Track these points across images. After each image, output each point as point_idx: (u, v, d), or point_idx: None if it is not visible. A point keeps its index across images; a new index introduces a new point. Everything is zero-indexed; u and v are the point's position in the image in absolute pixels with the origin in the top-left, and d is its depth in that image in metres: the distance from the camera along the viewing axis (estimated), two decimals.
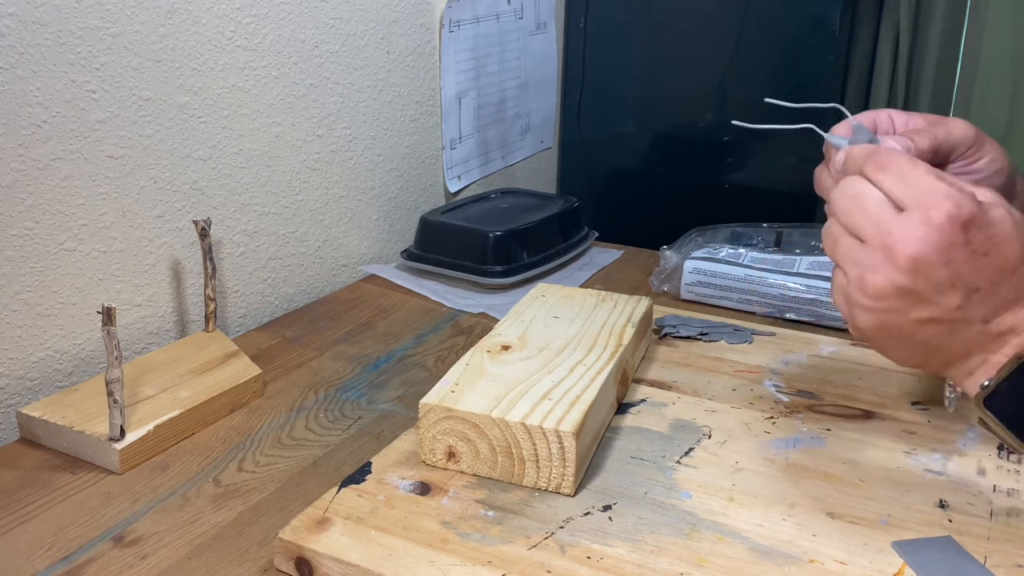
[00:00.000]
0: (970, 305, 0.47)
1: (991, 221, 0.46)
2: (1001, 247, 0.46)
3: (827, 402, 0.68)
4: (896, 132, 0.56)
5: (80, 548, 0.54)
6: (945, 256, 0.45)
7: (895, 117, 0.57)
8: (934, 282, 0.46)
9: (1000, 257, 0.46)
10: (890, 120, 0.57)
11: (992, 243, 0.46)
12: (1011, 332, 0.47)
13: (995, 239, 0.46)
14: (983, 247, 0.46)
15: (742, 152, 1.40)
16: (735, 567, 0.49)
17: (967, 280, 0.46)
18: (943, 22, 1.48)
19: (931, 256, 0.45)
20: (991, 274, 0.46)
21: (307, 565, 0.51)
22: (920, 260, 0.45)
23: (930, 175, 0.47)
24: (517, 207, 1.11)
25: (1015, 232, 0.46)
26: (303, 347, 0.84)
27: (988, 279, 0.46)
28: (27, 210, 0.69)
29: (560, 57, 1.46)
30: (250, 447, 0.66)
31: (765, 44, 1.35)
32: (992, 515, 0.54)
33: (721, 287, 0.91)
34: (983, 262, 0.46)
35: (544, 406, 0.57)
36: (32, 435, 0.66)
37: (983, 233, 0.46)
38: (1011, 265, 0.46)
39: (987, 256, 0.46)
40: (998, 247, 0.46)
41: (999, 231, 0.46)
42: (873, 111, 0.58)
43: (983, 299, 0.47)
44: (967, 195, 0.46)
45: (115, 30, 0.72)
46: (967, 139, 0.55)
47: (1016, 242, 0.46)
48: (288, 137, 0.92)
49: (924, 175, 0.47)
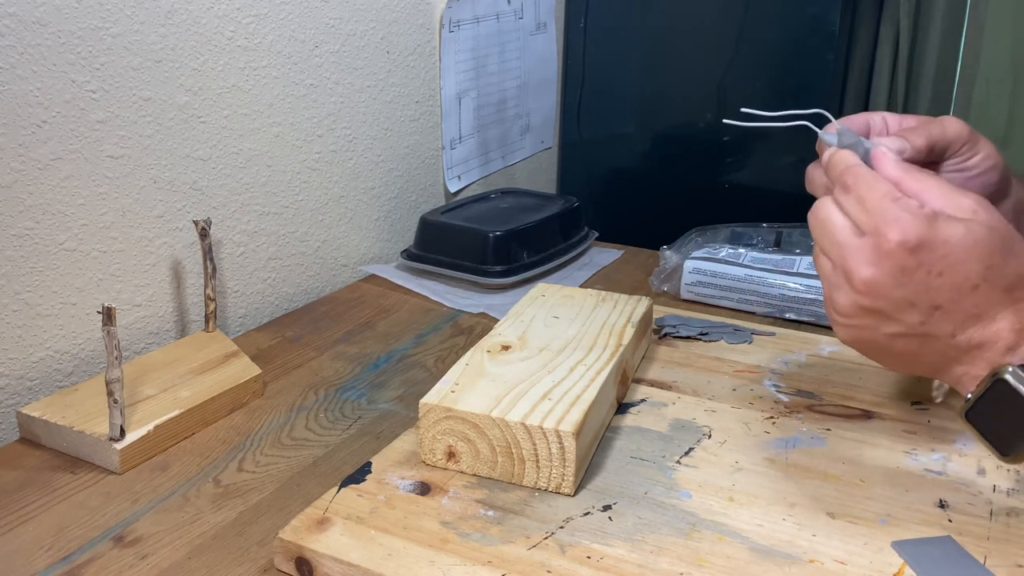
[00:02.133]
0: (933, 321, 0.48)
1: (944, 241, 0.46)
2: (957, 266, 0.46)
3: (827, 402, 0.68)
4: (890, 133, 0.56)
5: (80, 548, 0.54)
6: (897, 279, 0.47)
7: (888, 119, 0.58)
8: (893, 302, 0.48)
9: (958, 276, 0.47)
10: (884, 122, 0.57)
11: (946, 263, 0.46)
12: (981, 347, 0.48)
13: (949, 259, 0.46)
14: (937, 267, 0.47)
15: (742, 152, 1.40)
16: (735, 567, 0.49)
17: (926, 299, 0.47)
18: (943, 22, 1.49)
19: (884, 279, 0.47)
20: (949, 292, 0.47)
21: (307, 565, 0.51)
22: (874, 283, 0.48)
23: (885, 199, 0.48)
24: (517, 207, 1.11)
25: (974, 249, 0.46)
26: (303, 347, 0.84)
27: (947, 297, 0.47)
28: (27, 210, 0.69)
29: (560, 57, 1.46)
30: (250, 447, 0.66)
31: (765, 44, 1.34)
32: (992, 515, 0.54)
33: (721, 287, 0.91)
34: (939, 281, 0.47)
35: (544, 406, 0.57)
36: (32, 435, 0.66)
37: (935, 254, 0.46)
38: (971, 283, 0.47)
39: (942, 276, 0.47)
40: (953, 267, 0.46)
41: (954, 251, 0.46)
42: (867, 113, 0.58)
43: (945, 316, 0.48)
44: (920, 218, 0.47)
45: (115, 30, 0.72)
46: (961, 137, 0.56)
47: (975, 260, 0.46)
48: (288, 137, 0.92)
49: (880, 199, 0.48)
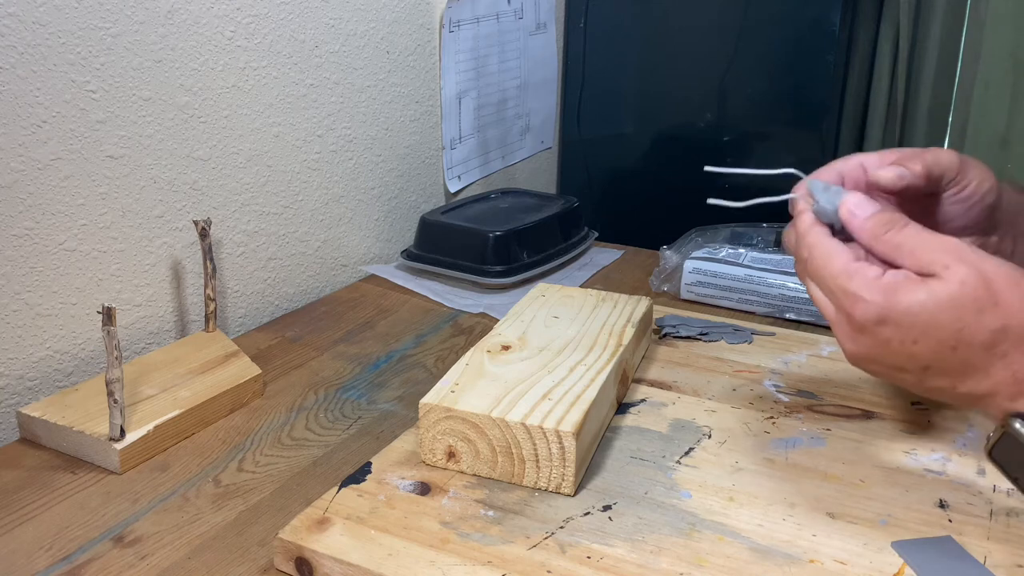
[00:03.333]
0: (929, 378, 0.48)
1: (906, 311, 0.46)
2: (929, 332, 0.46)
3: (827, 402, 0.68)
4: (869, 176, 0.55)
5: (80, 548, 0.54)
6: (878, 351, 0.48)
7: (867, 162, 0.55)
8: (884, 366, 0.49)
9: (932, 340, 0.46)
10: (861, 169, 0.55)
11: (917, 331, 0.46)
12: (986, 397, 0.47)
13: (918, 327, 0.46)
14: (910, 336, 0.46)
15: (742, 152, 1.39)
16: (735, 567, 0.49)
17: (912, 363, 0.47)
18: (943, 22, 1.49)
19: (867, 352, 0.48)
20: (931, 355, 0.46)
21: (307, 565, 0.51)
22: (859, 356, 0.49)
23: (841, 277, 0.48)
24: (517, 207, 1.11)
25: (940, 314, 0.45)
26: (303, 347, 0.84)
27: (932, 359, 0.46)
28: (27, 210, 0.69)
29: (560, 57, 1.46)
30: (250, 447, 0.66)
31: (765, 44, 1.35)
32: (992, 515, 0.54)
33: (721, 287, 0.91)
34: (916, 348, 0.46)
35: (544, 406, 0.57)
36: (32, 435, 0.66)
37: (903, 327, 0.46)
38: (948, 344, 0.46)
39: (917, 343, 0.46)
40: (926, 333, 0.46)
41: (919, 319, 0.46)
42: (842, 161, 0.56)
43: (938, 373, 0.47)
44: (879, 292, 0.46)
45: (115, 30, 0.72)
46: (952, 164, 0.55)
47: (944, 323, 0.45)
48: (288, 137, 0.92)
49: (835, 279, 0.48)
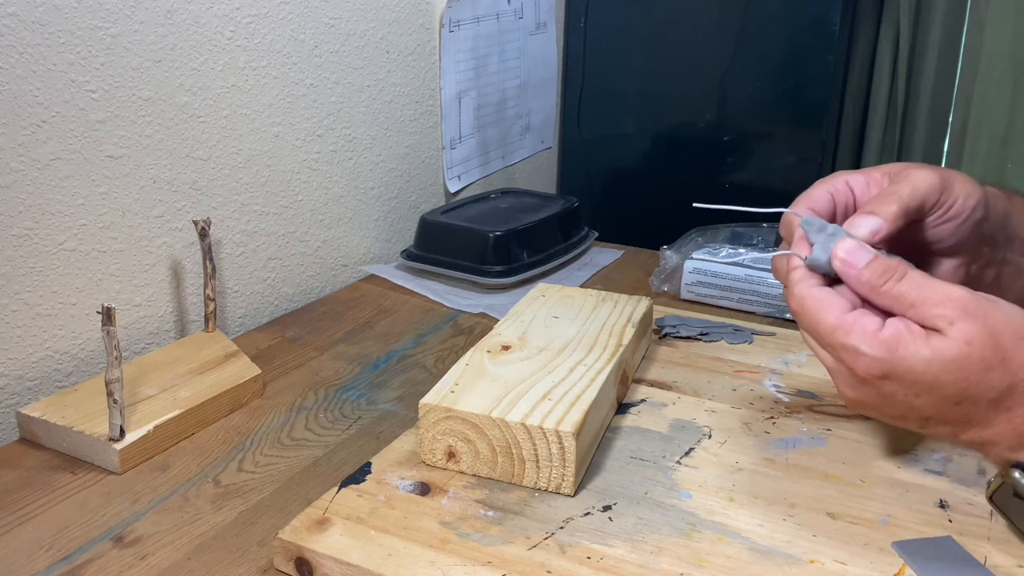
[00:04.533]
0: (930, 426, 0.48)
1: (909, 369, 0.45)
2: (932, 389, 0.45)
3: (827, 402, 0.68)
4: (856, 199, 0.54)
5: (80, 548, 0.54)
6: (879, 402, 0.47)
7: (852, 182, 0.54)
8: (884, 415, 0.49)
9: (935, 396, 0.45)
10: (848, 188, 0.54)
11: (920, 387, 0.45)
12: (986, 444, 0.47)
13: (921, 384, 0.45)
14: (912, 390, 0.45)
15: (742, 152, 1.40)
16: (735, 567, 0.49)
17: (913, 414, 0.47)
18: (943, 22, 1.49)
19: (868, 401, 0.48)
20: (933, 408, 0.46)
21: (307, 565, 0.51)
22: (860, 403, 0.49)
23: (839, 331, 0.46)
24: (517, 207, 1.11)
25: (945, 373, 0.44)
26: (303, 347, 0.84)
27: (933, 411, 0.46)
28: (27, 210, 0.69)
29: (560, 57, 1.46)
30: (250, 447, 0.66)
31: (765, 44, 1.34)
32: (992, 515, 0.54)
33: (721, 287, 0.91)
34: (919, 401, 0.46)
35: (544, 406, 0.57)
36: (32, 435, 0.66)
37: (905, 382, 0.45)
38: (951, 400, 0.45)
39: (920, 397, 0.46)
40: (929, 389, 0.45)
41: (923, 377, 0.45)
42: (829, 180, 0.54)
43: (940, 423, 0.47)
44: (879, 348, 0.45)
45: (115, 30, 0.72)
46: (934, 187, 0.51)
47: (948, 382, 0.44)
48: (288, 137, 0.92)
49: (832, 333, 0.47)
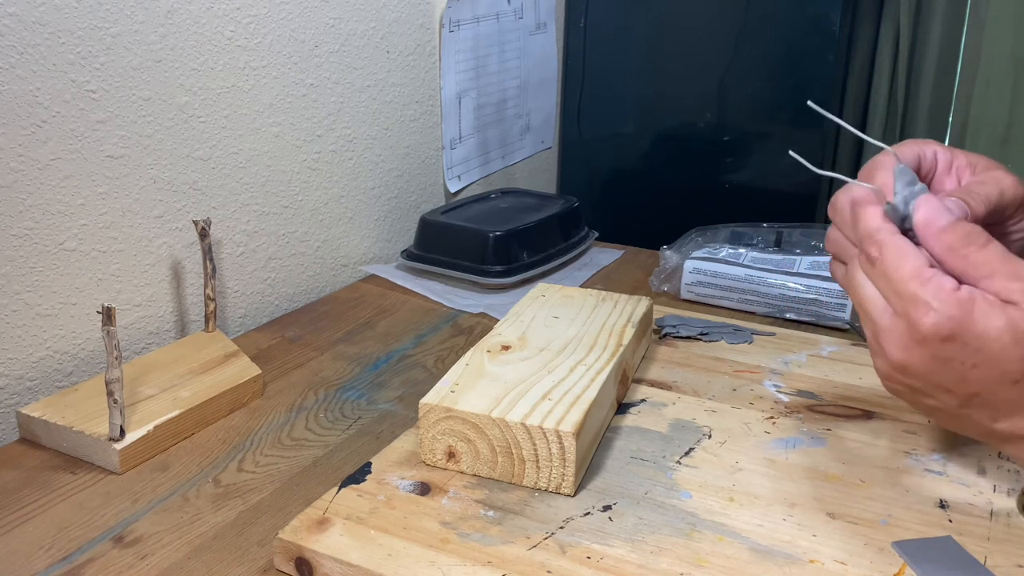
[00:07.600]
0: (972, 407, 0.46)
1: (980, 334, 0.43)
2: (994, 361, 0.43)
3: (827, 402, 0.68)
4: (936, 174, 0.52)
5: (80, 548, 0.54)
6: (930, 367, 0.45)
7: (940, 156, 0.52)
8: (928, 383, 0.46)
9: (995, 370, 0.43)
10: (934, 159, 0.52)
11: (982, 356, 0.43)
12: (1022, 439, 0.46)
13: (985, 352, 0.43)
14: (972, 360, 0.43)
15: (742, 152, 1.40)
16: (735, 567, 0.49)
17: (962, 387, 0.45)
18: (943, 22, 1.49)
19: (917, 365, 0.45)
20: (987, 384, 0.44)
21: (307, 565, 0.51)
22: (907, 367, 0.46)
23: (913, 281, 0.44)
24: (517, 207, 1.11)
25: (1015, 345, 0.42)
26: (303, 347, 0.84)
27: (984, 388, 0.44)
28: (27, 210, 0.69)
29: (560, 57, 1.46)
30: (250, 447, 0.66)
31: (765, 44, 1.35)
32: (992, 515, 0.54)
33: (721, 287, 0.91)
34: (975, 373, 0.44)
35: (544, 406, 0.57)
36: (32, 435, 0.66)
37: (969, 348, 0.43)
38: (1011, 378, 0.43)
39: (977, 368, 0.44)
40: (990, 361, 0.43)
41: (991, 345, 0.43)
42: (920, 143, 0.53)
43: (984, 404, 0.45)
44: (953, 305, 0.43)
45: (115, 30, 0.72)
46: (1017, 199, 0.51)
47: (1015, 355, 0.43)
48: (288, 137, 0.92)
49: (906, 282, 0.44)
